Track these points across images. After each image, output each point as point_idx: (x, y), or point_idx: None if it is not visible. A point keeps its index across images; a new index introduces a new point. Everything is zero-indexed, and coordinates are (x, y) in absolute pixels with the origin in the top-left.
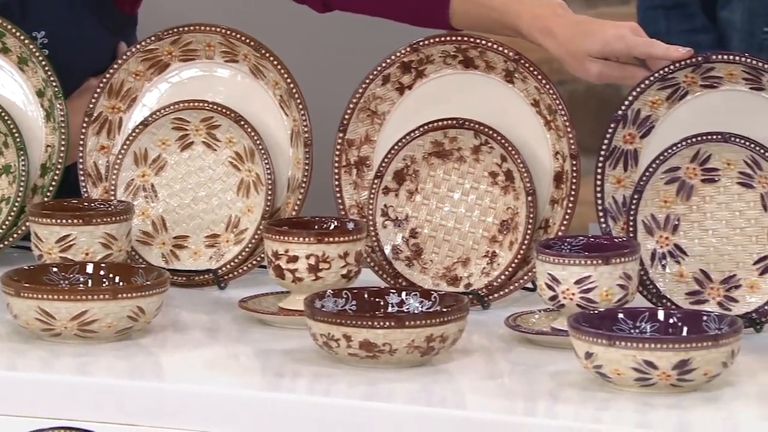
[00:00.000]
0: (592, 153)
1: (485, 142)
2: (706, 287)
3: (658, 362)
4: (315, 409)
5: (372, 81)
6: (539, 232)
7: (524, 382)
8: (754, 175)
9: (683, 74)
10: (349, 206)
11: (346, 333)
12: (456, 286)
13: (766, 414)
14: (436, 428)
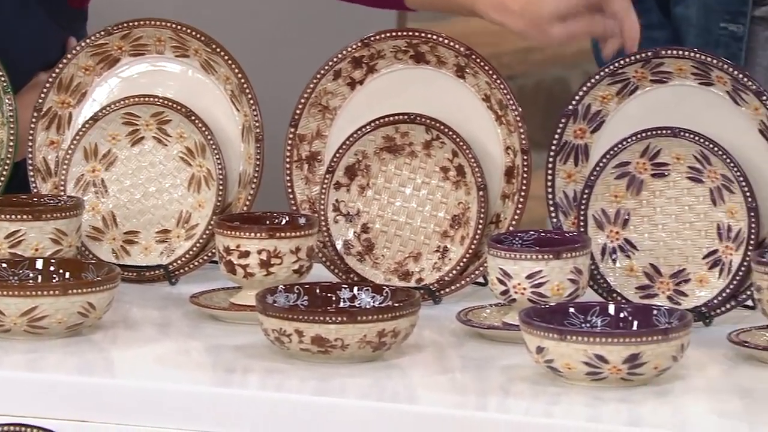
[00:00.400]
0: (542, 148)
1: (436, 137)
2: (656, 281)
3: (608, 356)
4: (266, 404)
5: (323, 76)
6: (490, 226)
7: (476, 376)
8: (704, 170)
9: (633, 69)
10: (300, 201)
11: (298, 328)
12: (407, 281)
13: (714, 408)
14: (387, 423)
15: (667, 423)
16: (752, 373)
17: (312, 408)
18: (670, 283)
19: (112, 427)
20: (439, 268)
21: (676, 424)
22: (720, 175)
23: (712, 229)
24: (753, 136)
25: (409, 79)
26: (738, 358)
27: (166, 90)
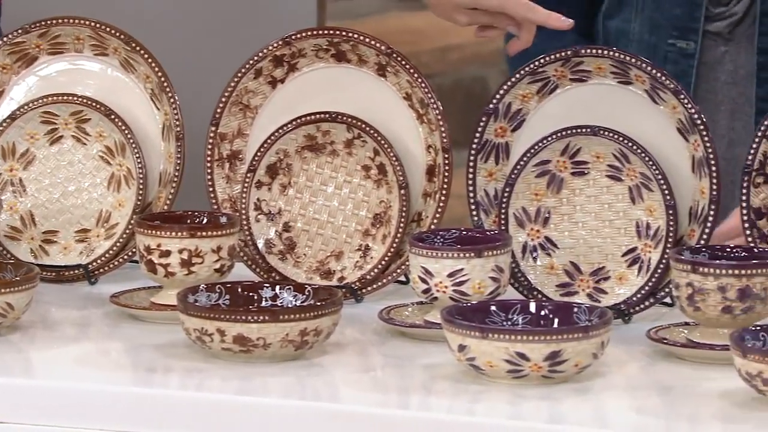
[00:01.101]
0: (461, 146)
1: (358, 135)
2: (576, 279)
3: (530, 354)
4: (187, 404)
5: (244, 75)
6: (412, 225)
7: (397, 375)
8: (623, 168)
9: (553, 68)
10: (221, 200)
11: (220, 327)
12: (329, 279)
13: (634, 404)
14: (309, 422)
15: (587, 420)
16: (671, 369)
17: (234, 407)
18: (590, 281)
19: (30, 428)
20: (360, 267)
21: (596, 420)
22: (639, 174)
23: (631, 227)
24: (671, 134)
25: (330, 77)
26: (657, 355)
27: (86, 89)
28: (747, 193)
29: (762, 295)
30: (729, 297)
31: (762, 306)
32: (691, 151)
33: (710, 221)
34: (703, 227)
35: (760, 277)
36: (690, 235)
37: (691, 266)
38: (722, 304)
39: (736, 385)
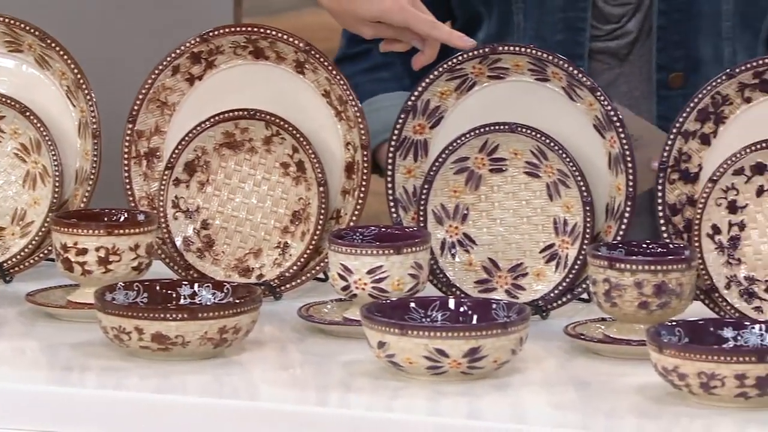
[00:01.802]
0: None
1: (276, 132)
2: (494, 275)
3: (449, 350)
4: (105, 403)
5: (161, 72)
6: (331, 222)
7: (317, 372)
8: (540, 165)
9: (471, 65)
10: (139, 198)
11: (138, 326)
12: (248, 277)
13: (552, 400)
14: (228, 420)
15: (506, 416)
16: (587, 365)
17: (151, 406)
18: (508, 277)
19: None
20: (279, 264)
21: (515, 416)
22: (556, 170)
23: (549, 223)
24: (588, 131)
25: (248, 74)
26: (574, 350)
27: (0, 85)
28: (663, 190)
29: (677, 291)
30: (645, 293)
31: (677, 301)
32: (607, 147)
33: (626, 217)
34: (619, 223)
35: (676, 273)
36: (607, 232)
37: (608, 262)
38: (639, 299)
39: (652, 380)
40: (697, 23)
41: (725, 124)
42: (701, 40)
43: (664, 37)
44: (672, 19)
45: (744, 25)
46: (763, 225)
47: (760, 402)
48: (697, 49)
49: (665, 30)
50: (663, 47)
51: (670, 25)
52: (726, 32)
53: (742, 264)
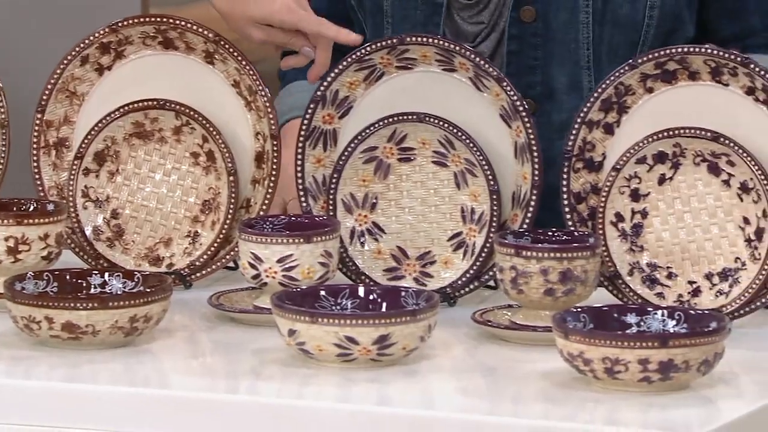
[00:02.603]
0: None
1: (186, 122)
2: (402, 264)
3: (359, 338)
4: (14, 391)
5: (70, 62)
6: (241, 211)
7: (227, 360)
8: (448, 154)
9: (379, 56)
10: (48, 187)
11: (48, 315)
12: (158, 266)
13: (459, 386)
14: (139, 408)
15: (415, 402)
16: (495, 351)
17: (62, 395)
18: (417, 265)
19: None
20: (190, 253)
21: (423, 403)
22: (464, 159)
23: (457, 212)
24: (494, 121)
25: (158, 65)
26: (481, 337)
27: None
28: (567, 179)
29: (582, 278)
30: (551, 280)
31: (582, 288)
32: (513, 137)
33: (532, 206)
34: (525, 212)
35: (581, 260)
36: (513, 220)
37: (515, 250)
38: (544, 286)
39: (558, 365)
40: (552, 50)
41: (628, 113)
42: (556, 67)
43: (516, 62)
44: (526, 44)
45: (612, 54)
46: (665, 213)
47: (662, 386)
48: (552, 76)
49: (517, 55)
50: (515, 72)
51: (523, 50)
52: (584, 61)
53: (644, 251)
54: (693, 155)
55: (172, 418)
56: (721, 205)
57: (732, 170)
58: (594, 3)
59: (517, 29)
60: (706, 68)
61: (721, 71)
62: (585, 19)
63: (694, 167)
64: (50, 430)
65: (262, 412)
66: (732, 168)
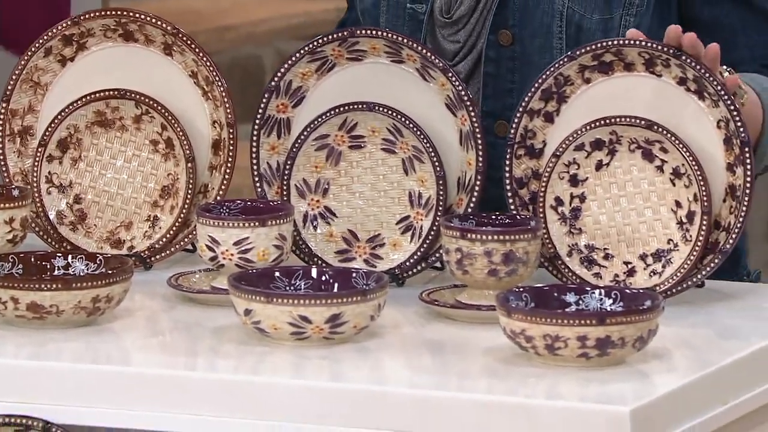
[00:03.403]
0: (243, 121)
1: (146, 111)
2: (353, 246)
3: (312, 317)
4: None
5: (34, 53)
6: (199, 196)
7: (186, 338)
8: (396, 142)
9: (331, 48)
10: (13, 174)
11: (14, 296)
12: (120, 248)
13: (408, 363)
14: (102, 385)
15: (366, 378)
16: (441, 329)
17: (27, 372)
18: (367, 248)
19: None
20: (149, 237)
21: (374, 378)
22: (411, 147)
23: (405, 196)
24: (440, 109)
25: (119, 56)
26: (429, 315)
27: None
28: (510, 165)
29: (524, 259)
30: (494, 261)
31: (524, 269)
32: (458, 125)
33: (476, 191)
34: (470, 196)
35: (522, 242)
36: (458, 204)
37: (460, 233)
38: (488, 267)
39: (501, 342)
40: (528, 73)
41: (567, 102)
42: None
43: (492, 84)
44: (503, 67)
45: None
46: (602, 197)
47: (600, 362)
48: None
49: (494, 77)
50: (491, 94)
51: (500, 73)
52: None
53: (582, 233)
54: (628, 142)
55: (133, 394)
56: (655, 190)
57: (665, 156)
58: (567, 29)
59: (494, 52)
60: (641, 60)
61: (654, 62)
62: (558, 44)
63: (629, 154)
64: (17, 406)
65: (219, 388)
66: (665, 154)
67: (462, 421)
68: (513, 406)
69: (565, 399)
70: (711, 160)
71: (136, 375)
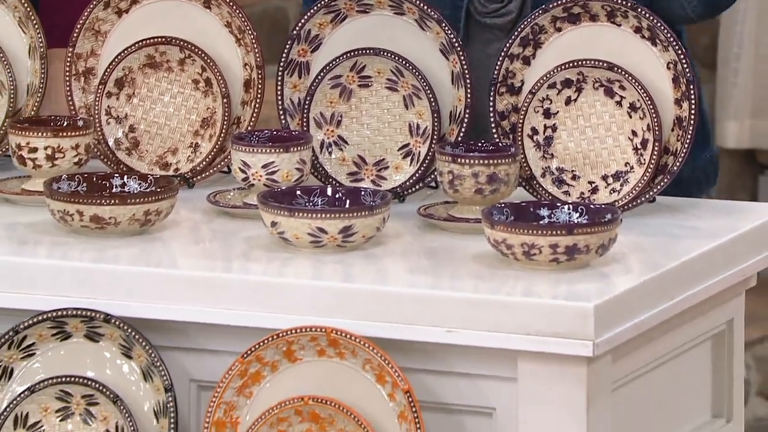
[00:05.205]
0: (269, 63)
1: (189, 55)
2: (362, 169)
3: (327, 228)
4: (54, 270)
5: (95, 6)
6: (233, 127)
7: (223, 246)
8: (398, 81)
9: (343, 2)
10: (78, 107)
11: (79, 209)
12: (167, 170)
13: (408, 266)
14: (152, 284)
15: (373, 279)
16: (436, 238)
17: (91, 273)
18: (374, 170)
19: None
20: (192, 160)
21: (379, 279)
22: (411, 85)
23: (405, 127)
24: (435, 54)
25: (166, 9)
26: (425, 227)
27: None
28: (494, 101)
29: (505, 180)
30: (480, 181)
31: (505, 188)
32: (450, 67)
33: (465, 122)
34: (460, 127)
35: (504, 165)
36: (450, 133)
37: (452, 158)
38: (475, 186)
39: (485, 249)
40: None
41: (542, 48)
42: None
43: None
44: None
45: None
46: (570, 127)
47: (568, 265)
48: None
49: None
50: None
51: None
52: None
53: (554, 158)
54: (593, 81)
55: (178, 291)
56: (615, 121)
57: (623, 93)
58: None
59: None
60: (604, 11)
61: (615, 14)
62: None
63: (593, 91)
64: (82, 301)
65: (250, 287)
66: (623, 91)
67: (453, 315)
68: (496, 303)
69: (539, 296)
70: (662, 96)
71: (181, 276)
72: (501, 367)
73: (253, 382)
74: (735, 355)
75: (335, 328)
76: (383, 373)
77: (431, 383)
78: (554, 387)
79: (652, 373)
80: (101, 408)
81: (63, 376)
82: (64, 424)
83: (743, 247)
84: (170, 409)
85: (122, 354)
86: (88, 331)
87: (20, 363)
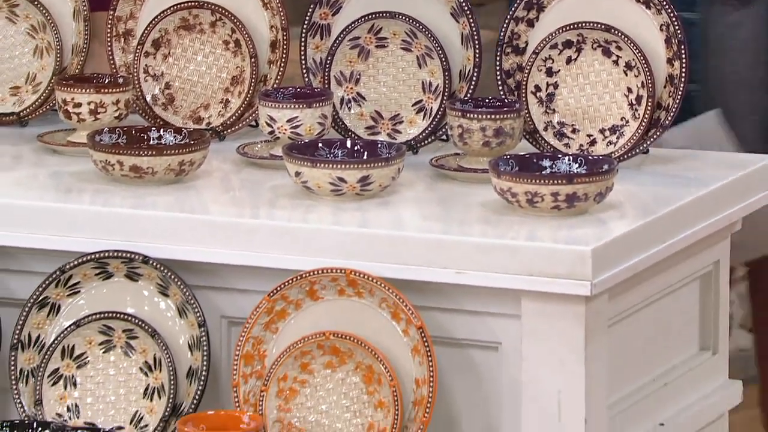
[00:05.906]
0: (293, 25)
1: (219, 18)
2: (379, 123)
3: (347, 178)
4: (96, 216)
5: None
6: (260, 84)
7: (250, 194)
8: (413, 42)
9: None
10: (119, 66)
11: (120, 160)
12: (200, 124)
13: (421, 213)
14: (186, 229)
15: (389, 224)
16: (447, 187)
17: (130, 218)
18: (389, 124)
19: None
20: (223, 115)
21: (395, 224)
22: (424, 46)
23: (419, 85)
24: (446, 17)
25: None
26: (437, 177)
27: None
28: (500, 60)
29: (510, 133)
30: (488, 135)
31: (511, 141)
32: (460, 29)
33: (474, 80)
34: (469, 84)
35: (509, 120)
36: (460, 90)
37: (461, 113)
38: (483, 139)
39: (492, 197)
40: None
41: (545, 11)
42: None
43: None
44: None
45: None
46: (571, 85)
47: (568, 212)
48: None
49: None
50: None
51: None
52: None
53: (555, 113)
54: (591, 42)
55: (210, 236)
56: (612, 79)
57: (620, 53)
58: None
59: None
60: None
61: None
62: None
63: (592, 51)
64: (123, 244)
65: (276, 232)
66: (620, 51)
67: (462, 258)
68: (501, 246)
69: (542, 240)
70: (655, 55)
71: (213, 221)
72: (506, 305)
73: (278, 319)
74: (721, 293)
75: (354, 270)
76: (398, 311)
77: (442, 320)
78: (555, 323)
79: (644, 310)
80: (140, 341)
81: (105, 312)
82: (107, 355)
83: (729, 195)
84: (203, 343)
85: (159, 292)
86: (128, 271)
87: (67, 300)
